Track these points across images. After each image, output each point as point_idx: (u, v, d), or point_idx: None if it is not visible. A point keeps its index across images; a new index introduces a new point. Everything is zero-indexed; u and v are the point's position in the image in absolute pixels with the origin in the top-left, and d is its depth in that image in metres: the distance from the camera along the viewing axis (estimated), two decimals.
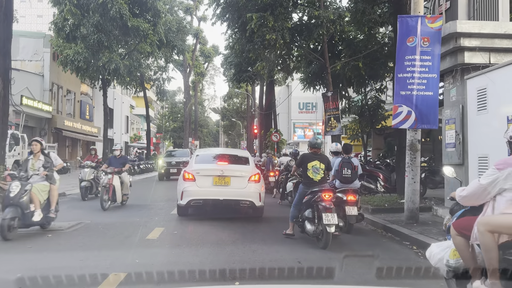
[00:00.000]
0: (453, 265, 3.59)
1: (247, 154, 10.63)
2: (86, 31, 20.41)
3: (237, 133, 67.91)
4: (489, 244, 3.23)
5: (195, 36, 48.78)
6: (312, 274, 4.78)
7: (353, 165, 7.77)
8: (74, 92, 31.00)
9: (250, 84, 33.61)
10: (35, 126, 25.74)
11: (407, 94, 7.58)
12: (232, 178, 8.81)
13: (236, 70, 27.66)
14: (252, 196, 8.80)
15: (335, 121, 15.66)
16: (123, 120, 45.38)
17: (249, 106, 45.90)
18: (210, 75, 66.48)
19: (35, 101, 23.62)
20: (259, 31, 14.43)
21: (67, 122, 28.08)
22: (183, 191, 8.72)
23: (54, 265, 5.19)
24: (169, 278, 4.54)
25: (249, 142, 42.84)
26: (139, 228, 7.65)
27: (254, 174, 9.04)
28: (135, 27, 20.84)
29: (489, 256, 3.23)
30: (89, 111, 33.54)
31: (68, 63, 20.46)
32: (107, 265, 5.08)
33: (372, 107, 20.68)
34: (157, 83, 35.27)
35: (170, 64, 35.10)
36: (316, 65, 18.90)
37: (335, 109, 15.67)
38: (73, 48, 20.37)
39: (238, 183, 8.81)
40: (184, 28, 32.23)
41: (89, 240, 6.77)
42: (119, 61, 20.71)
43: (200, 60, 52.60)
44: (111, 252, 5.94)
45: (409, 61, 7.56)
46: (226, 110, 62.52)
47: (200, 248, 6.24)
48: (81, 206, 11.10)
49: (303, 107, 64.57)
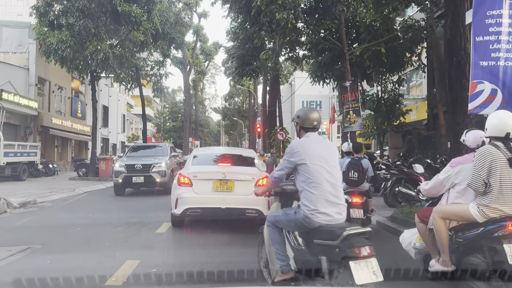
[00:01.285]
0: (418, 247, 4.37)
1: (253, 153, 9.24)
2: (73, 18, 18.25)
3: (239, 132, 66.59)
4: (440, 228, 3.93)
5: (195, 33, 47.62)
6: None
7: (362, 167, 7.25)
8: (64, 88, 28.82)
9: (253, 78, 31.56)
10: (19, 124, 23.63)
11: (490, 66, 5.36)
12: (236, 183, 7.54)
13: (239, 63, 25.60)
14: (260, 204, 7.40)
15: (354, 115, 13.47)
16: (120, 118, 43.31)
17: (251, 105, 43.98)
18: (211, 74, 65.63)
19: (16, 96, 21.48)
20: (266, 9, 12.30)
21: (55, 120, 25.93)
22: (177, 198, 7.50)
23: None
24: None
25: (252, 142, 40.83)
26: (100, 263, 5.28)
27: (262, 178, 7.63)
28: (126, 13, 18.66)
29: (441, 238, 3.93)
30: (81, 108, 31.38)
31: (51, 52, 18.27)
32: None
33: (389, 101, 18.60)
34: (154, 79, 33.13)
35: (168, 59, 33.03)
36: (328, 54, 16.79)
37: (355, 101, 13.47)
38: (56, 36, 18.18)
39: (243, 188, 7.49)
40: (182, 20, 30.10)
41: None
42: (108, 50, 18.50)
43: (200, 58, 51.53)
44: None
45: (493, 17, 5.29)
46: (227, 109, 61.25)
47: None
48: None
49: (307, 105, 62.62)
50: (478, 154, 3.76)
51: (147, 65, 32.44)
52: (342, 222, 3.59)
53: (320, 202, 3.51)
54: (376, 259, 3.24)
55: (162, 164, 13.78)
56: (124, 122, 45.97)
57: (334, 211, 3.53)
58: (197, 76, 51.52)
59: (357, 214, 6.98)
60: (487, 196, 3.70)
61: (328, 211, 3.51)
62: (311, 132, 3.83)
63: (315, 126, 3.83)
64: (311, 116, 3.83)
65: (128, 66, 21.45)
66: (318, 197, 3.52)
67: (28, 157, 18.77)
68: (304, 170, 3.61)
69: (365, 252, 3.24)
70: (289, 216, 3.72)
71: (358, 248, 3.23)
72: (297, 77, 56.41)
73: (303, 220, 3.54)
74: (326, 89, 55.34)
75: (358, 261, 3.22)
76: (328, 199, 3.54)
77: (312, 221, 3.51)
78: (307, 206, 3.52)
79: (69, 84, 29.75)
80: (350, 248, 3.24)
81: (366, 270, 3.21)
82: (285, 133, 25.46)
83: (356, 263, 3.21)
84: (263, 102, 35.43)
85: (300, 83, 43.09)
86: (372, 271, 3.21)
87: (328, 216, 3.50)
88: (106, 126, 38.18)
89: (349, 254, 3.23)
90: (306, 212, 3.51)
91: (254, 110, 41.88)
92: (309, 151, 3.64)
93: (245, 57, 25.01)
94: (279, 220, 3.87)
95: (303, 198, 3.60)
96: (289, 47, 16.73)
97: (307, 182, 3.58)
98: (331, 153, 3.75)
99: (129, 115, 50.84)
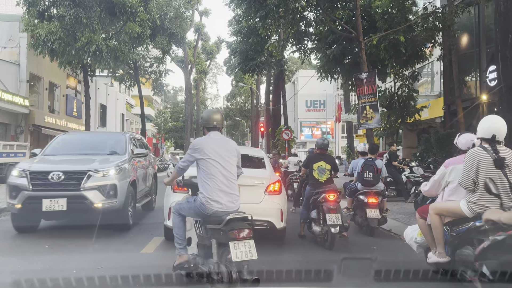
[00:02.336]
0: (419, 242, 4.79)
1: (262, 153, 8.02)
2: (64, 8, 16.95)
3: (241, 133, 65.58)
4: (435, 223, 4.33)
5: (196, 31, 46.69)
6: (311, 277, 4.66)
7: (376, 168, 7.51)
8: (59, 85, 27.48)
9: (256, 75, 30.28)
10: (9, 122, 22.28)
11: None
12: (243, 189, 6.00)
13: (242, 58, 24.40)
14: (271, 215, 6.32)
15: (372, 110, 12.07)
16: (118, 118, 42.00)
17: (254, 104, 42.75)
18: (213, 74, 64.63)
19: (6, 93, 20.16)
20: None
21: (48, 119, 24.57)
22: (171, 208, 6.00)
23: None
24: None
25: (255, 142, 39.52)
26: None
27: (273, 182, 6.53)
28: (121, 3, 17.35)
29: (436, 232, 4.34)
30: (77, 107, 30.05)
31: (40, 45, 16.94)
32: None
33: (402, 98, 17.24)
34: (153, 76, 31.87)
35: (167, 56, 31.79)
36: (337, 47, 15.46)
37: (372, 95, 12.07)
38: (45, 27, 16.85)
39: (251, 195, 6.26)
40: (183, 15, 28.89)
41: None
42: (101, 42, 17.15)
43: (202, 58, 50.78)
44: None
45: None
46: (229, 109, 60.14)
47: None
48: None
49: (310, 105, 61.31)
50: (467, 155, 4.14)
51: (146, 62, 31.24)
52: (234, 210, 4.12)
53: (214, 192, 4.05)
54: (253, 241, 3.82)
55: (109, 172, 7.11)
56: (123, 121, 44.68)
57: (227, 199, 4.09)
58: (198, 75, 50.74)
59: (374, 214, 7.34)
60: (475, 194, 4.07)
61: (221, 199, 4.06)
62: (213, 131, 4.36)
63: (215, 126, 4.35)
64: (212, 117, 4.37)
65: (124, 60, 20.09)
66: (212, 187, 4.06)
67: (15, 158, 17.41)
68: (202, 164, 4.15)
69: (244, 234, 3.83)
70: (190, 204, 4.25)
71: (237, 231, 3.81)
72: (300, 76, 55.20)
73: (200, 207, 4.08)
74: (330, 89, 54.36)
75: (237, 241, 3.80)
76: (221, 189, 4.08)
77: (207, 208, 4.05)
78: (203, 194, 4.08)
79: (64, 81, 28.41)
80: (231, 230, 3.81)
81: (243, 249, 3.80)
82: (291, 132, 24.08)
83: (236, 243, 3.79)
84: (266, 101, 34.13)
85: (303, 82, 41.91)
86: (249, 250, 3.81)
87: (220, 204, 4.05)
88: (104, 126, 36.88)
89: (230, 236, 3.80)
90: (202, 199, 4.06)
91: (257, 108, 40.60)
92: (207, 148, 4.17)
93: (248, 52, 23.84)
94: (182, 207, 4.35)
95: (201, 187, 4.15)
96: (297, 38, 15.36)
97: (204, 174, 4.12)
98: (227, 150, 4.25)
99: (129, 115, 49.75)
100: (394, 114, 17.32)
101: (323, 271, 4.76)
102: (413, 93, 17.28)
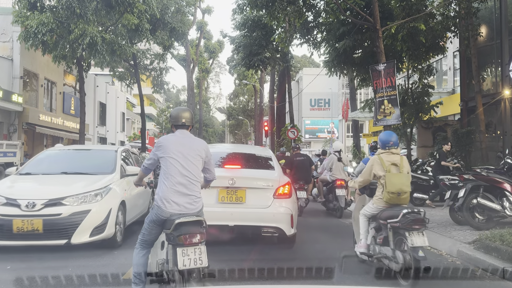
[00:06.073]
0: None
1: (269, 153, 7.44)
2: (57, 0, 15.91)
3: (244, 132, 64.70)
4: None
5: (199, 29, 45.68)
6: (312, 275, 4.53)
7: None
8: (55, 82, 26.44)
9: (260, 71, 29.23)
10: (1, 120, 21.26)
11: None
12: (249, 192, 5.88)
13: (246, 54, 23.28)
14: (281, 220, 5.90)
15: (390, 105, 10.92)
16: (119, 116, 41.02)
17: (257, 102, 41.72)
18: (216, 73, 63.82)
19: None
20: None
21: (43, 117, 23.52)
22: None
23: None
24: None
25: (258, 141, 38.48)
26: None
27: (283, 185, 6.06)
28: None
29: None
30: (74, 105, 29.00)
31: (31, 37, 15.87)
32: None
33: (416, 94, 16.11)
34: (153, 73, 30.83)
35: (168, 52, 30.74)
36: (348, 40, 14.33)
37: (391, 88, 10.92)
38: (36, 17, 15.78)
39: (259, 199, 5.90)
40: (184, 8, 27.81)
41: None
42: (96, 34, 16.06)
43: (204, 56, 49.99)
44: None
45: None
46: (232, 108, 59.30)
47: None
48: None
49: (315, 103, 60.19)
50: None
51: (146, 58, 30.20)
52: (195, 212, 3.78)
53: (170, 192, 3.77)
54: (205, 246, 3.57)
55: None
56: (124, 120, 43.72)
57: (185, 201, 3.78)
58: (201, 74, 49.99)
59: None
60: None
61: (178, 200, 3.76)
62: (181, 129, 4.09)
63: (184, 123, 4.07)
64: (181, 114, 4.10)
65: (121, 55, 19.00)
66: (168, 187, 3.79)
67: (4, 158, 16.39)
68: (163, 163, 3.92)
69: (195, 239, 3.58)
70: (149, 215, 3.89)
71: (186, 235, 3.56)
72: (305, 75, 54.11)
73: (156, 211, 3.78)
74: (335, 87, 53.20)
75: (186, 247, 3.55)
76: (178, 189, 3.79)
77: (163, 211, 3.74)
78: (159, 195, 3.81)
79: (61, 78, 27.39)
80: (179, 236, 3.56)
81: (193, 256, 3.53)
82: (297, 131, 22.96)
83: (184, 249, 3.54)
84: (271, 100, 33.05)
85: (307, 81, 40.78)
86: (199, 257, 3.55)
87: (178, 206, 3.75)
88: (104, 125, 35.88)
89: (178, 241, 3.56)
90: (158, 201, 3.79)
91: (261, 106, 39.54)
92: (169, 146, 3.93)
93: (252, 46, 22.77)
94: (143, 229, 3.93)
95: (158, 188, 3.90)
96: (306, 28, 14.22)
97: (163, 173, 3.88)
98: (192, 149, 3.95)
99: (131, 114, 48.97)
100: (408, 111, 16.20)
101: (324, 268, 4.68)
102: (428, 88, 16.17)
